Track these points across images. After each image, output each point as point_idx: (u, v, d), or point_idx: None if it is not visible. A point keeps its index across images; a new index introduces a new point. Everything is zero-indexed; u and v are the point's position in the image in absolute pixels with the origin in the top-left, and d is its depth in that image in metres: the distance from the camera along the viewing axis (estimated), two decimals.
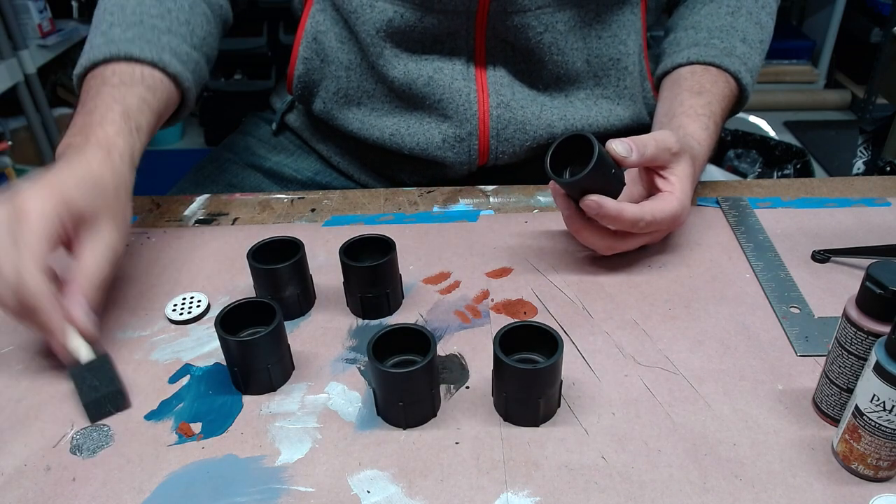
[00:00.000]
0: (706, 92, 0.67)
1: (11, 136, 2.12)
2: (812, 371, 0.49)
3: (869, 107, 2.48)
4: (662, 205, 0.56)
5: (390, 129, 0.73)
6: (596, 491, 0.41)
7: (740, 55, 0.70)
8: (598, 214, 0.54)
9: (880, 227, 0.64)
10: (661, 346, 0.52)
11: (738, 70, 0.69)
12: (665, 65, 0.72)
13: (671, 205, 0.56)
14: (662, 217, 0.55)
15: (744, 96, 0.71)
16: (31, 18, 2.00)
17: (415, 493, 0.42)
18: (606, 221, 0.55)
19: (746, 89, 0.70)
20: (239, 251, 0.63)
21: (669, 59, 0.72)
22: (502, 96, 0.71)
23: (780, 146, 1.97)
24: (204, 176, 0.81)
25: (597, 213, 0.53)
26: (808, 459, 0.43)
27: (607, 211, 0.53)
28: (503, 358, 0.43)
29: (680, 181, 0.57)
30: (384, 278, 0.54)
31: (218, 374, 0.50)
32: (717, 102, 0.67)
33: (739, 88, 0.70)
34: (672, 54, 0.72)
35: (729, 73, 0.69)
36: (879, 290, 0.39)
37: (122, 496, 0.42)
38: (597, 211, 0.53)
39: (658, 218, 0.55)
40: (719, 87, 0.68)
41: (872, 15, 2.51)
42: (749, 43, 0.71)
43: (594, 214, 0.54)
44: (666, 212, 0.55)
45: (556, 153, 0.53)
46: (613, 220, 0.54)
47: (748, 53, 0.70)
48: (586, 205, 0.53)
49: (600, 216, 0.54)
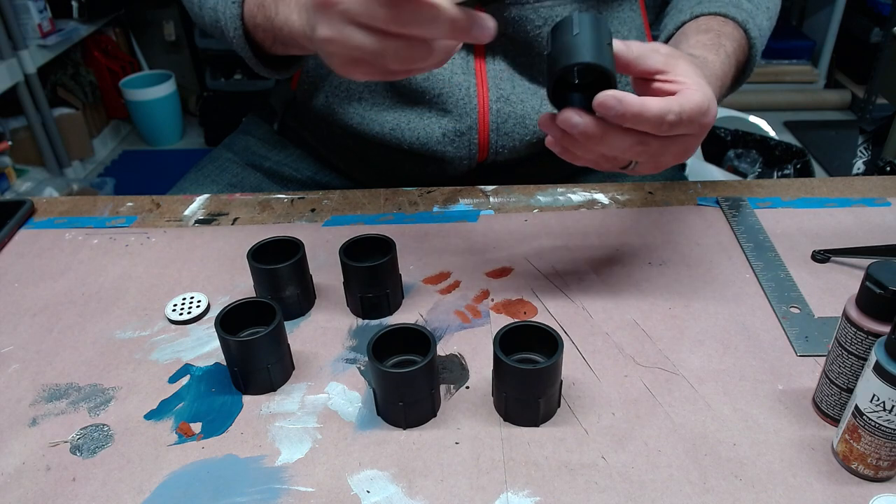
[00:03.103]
0: (712, 30, 0.62)
1: (11, 136, 2.12)
2: (812, 371, 0.49)
3: (869, 107, 2.48)
4: (687, 95, 0.46)
5: (390, 124, 0.73)
6: (596, 491, 0.41)
7: (747, 10, 0.67)
8: (618, 114, 0.44)
9: (880, 227, 0.64)
10: (661, 346, 0.52)
11: (746, 21, 0.65)
12: (668, 28, 0.68)
13: (695, 95, 0.46)
14: (690, 109, 0.46)
15: (752, 54, 0.66)
16: (31, 18, 2.01)
17: (415, 493, 0.42)
18: (628, 120, 0.45)
19: (754, 45, 0.66)
20: (239, 251, 0.63)
21: (672, 21, 0.68)
22: (502, 90, 0.71)
23: (780, 146, 1.97)
24: (204, 176, 0.81)
25: (617, 113, 0.44)
26: (808, 459, 0.43)
27: (629, 106, 0.44)
28: (503, 358, 0.43)
29: (688, 76, 0.48)
30: (384, 278, 0.54)
31: (218, 374, 0.50)
32: (728, 40, 0.61)
33: (748, 45, 0.65)
34: (675, 15, 0.69)
35: (736, 23, 0.65)
36: (879, 290, 0.39)
37: (122, 496, 0.42)
38: (617, 109, 0.44)
39: (686, 110, 0.45)
40: (728, 29, 0.63)
41: (872, 15, 2.51)
42: (755, 3, 0.68)
43: (614, 115, 0.44)
44: (693, 103, 0.46)
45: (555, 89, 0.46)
46: (636, 116, 0.44)
47: (754, 11, 0.67)
48: (603, 103, 0.44)
49: (621, 115, 0.44)
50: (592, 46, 0.44)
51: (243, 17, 0.61)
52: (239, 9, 0.61)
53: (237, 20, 0.61)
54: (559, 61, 0.44)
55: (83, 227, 0.67)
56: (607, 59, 0.45)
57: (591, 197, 0.70)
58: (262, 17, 0.59)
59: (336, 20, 0.43)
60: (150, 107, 2.53)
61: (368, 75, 0.45)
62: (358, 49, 0.43)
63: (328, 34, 0.43)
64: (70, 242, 0.65)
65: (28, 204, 0.69)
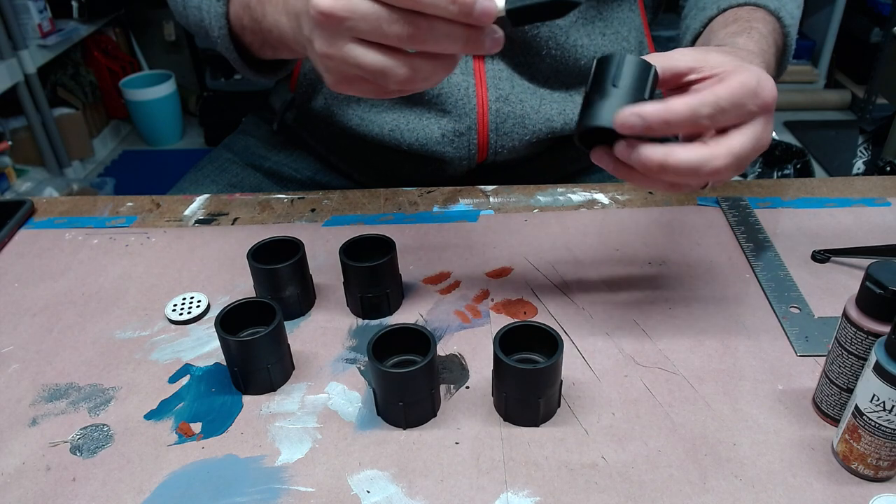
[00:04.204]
0: (741, 19, 0.58)
1: (11, 136, 2.12)
2: (812, 371, 0.49)
3: (869, 107, 2.48)
4: (721, 80, 0.41)
5: (390, 124, 0.73)
6: (596, 491, 0.41)
7: None
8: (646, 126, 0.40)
9: (880, 227, 0.64)
10: (661, 346, 0.52)
11: (778, 9, 0.61)
12: (694, 27, 0.63)
13: (731, 78, 0.41)
14: (729, 93, 0.40)
15: (787, 42, 0.62)
16: (31, 18, 2.01)
17: (415, 493, 0.42)
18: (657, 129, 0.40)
19: (789, 33, 0.61)
20: (239, 251, 0.63)
21: (697, 20, 0.64)
22: (501, 90, 0.71)
23: (780, 146, 1.97)
24: (204, 176, 0.81)
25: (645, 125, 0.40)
26: (808, 459, 0.43)
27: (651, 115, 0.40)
28: (503, 358, 0.43)
29: (723, 65, 0.43)
30: (384, 278, 0.54)
31: (218, 374, 0.50)
32: (759, 23, 0.56)
33: (783, 32, 0.61)
34: (698, 13, 0.64)
35: (767, 10, 0.60)
36: (879, 290, 0.39)
37: (122, 496, 0.42)
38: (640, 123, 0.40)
39: (724, 95, 0.40)
40: (758, 15, 0.59)
41: (872, 15, 2.51)
42: None
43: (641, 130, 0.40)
44: (730, 86, 0.40)
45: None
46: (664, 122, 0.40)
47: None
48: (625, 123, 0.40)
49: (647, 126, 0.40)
50: (626, 105, 0.41)
51: (229, 17, 0.59)
52: (224, 8, 0.59)
53: (222, 19, 0.59)
54: (589, 114, 0.42)
55: (83, 227, 0.67)
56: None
57: (591, 197, 0.70)
58: (248, 20, 0.56)
59: (340, 36, 0.40)
60: (150, 107, 2.53)
61: (362, 93, 0.43)
62: (359, 67, 0.40)
63: (328, 50, 0.41)
64: (70, 242, 0.65)
65: (28, 204, 0.69)
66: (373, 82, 0.42)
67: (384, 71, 0.40)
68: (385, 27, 0.38)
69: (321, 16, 0.39)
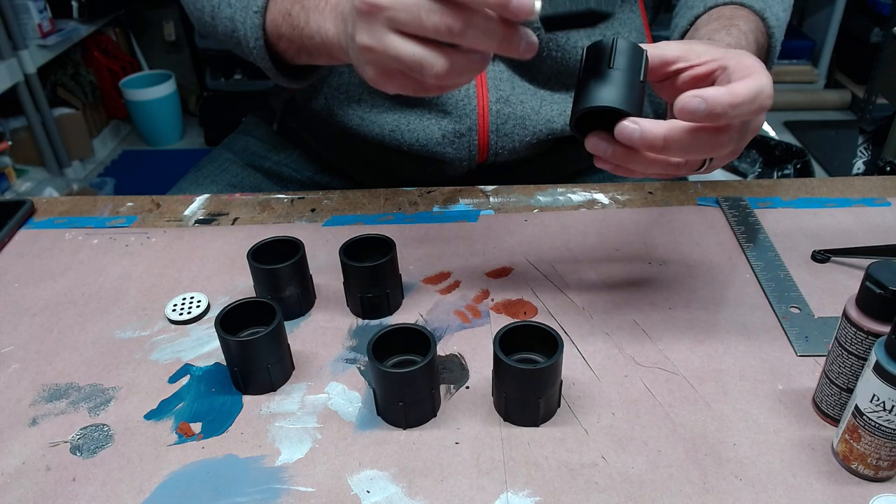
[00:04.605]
0: (724, 17, 0.59)
1: (11, 136, 2.12)
2: (812, 371, 0.49)
3: (869, 107, 2.48)
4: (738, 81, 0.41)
5: (390, 125, 0.73)
6: (596, 491, 0.41)
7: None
8: (707, 113, 0.39)
9: (880, 227, 0.64)
10: (661, 346, 0.52)
11: (763, 10, 0.62)
12: (681, 26, 0.65)
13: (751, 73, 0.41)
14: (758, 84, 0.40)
15: (772, 43, 0.63)
16: (31, 18, 2.01)
17: (415, 493, 0.42)
18: (719, 116, 0.40)
19: (773, 34, 0.62)
20: (239, 251, 0.63)
21: (684, 18, 0.65)
22: (501, 91, 0.71)
23: (780, 146, 1.97)
24: (204, 176, 0.81)
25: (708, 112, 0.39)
26: (808, 459, 0.43)
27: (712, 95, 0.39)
28: (503, 358, 0.43)
29: (708, 48, 0.44)
30: (384, 278, 0.54)
31: (218, 374, 0.50)
32: (741, 21, 0.58)
33: (768, 33, 0.62)
34: (686, 12, 0.66)
35: (752, 11, 0.62)
36: (879, 290, 0.39)
37: (122, 496, 0.42)
38: (702, 110, 0.39)
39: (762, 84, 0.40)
40: (741, 13, 0.60)
41: (872, 15, 2.51)
42: None
43: (703, 113, 0.40)
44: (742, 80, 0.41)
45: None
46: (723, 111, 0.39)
47: (770, 0, 0.65)
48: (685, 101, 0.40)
49: (707, 113, 0.39)
50: (625, 86, 0.42)
51: (265, 27, 0.60)
52: (261, 19, 0.60)
53: (259, 30, 0.60)
54: (589, 96, 0.43)
55: (83, 227, 0.67)
56: (636, 98, 0.43)
57: (591, 197, 0.70)
58: (287, 27, 0.57)
59: (379, 27, 0.41)
60: (150, 107, 2.53)
61: (401, 88, 0.44)
62: (397, 60, 0.41)
63: (368, 42, 0.42)
64: (70, 242, 0.65)
65: (28, 204, 0.69)
66: (411, 77, 0.43)
67: (422, 62, 0.41)
68: (424, 17, 0.39)
69: (364, 4, 0.41)
